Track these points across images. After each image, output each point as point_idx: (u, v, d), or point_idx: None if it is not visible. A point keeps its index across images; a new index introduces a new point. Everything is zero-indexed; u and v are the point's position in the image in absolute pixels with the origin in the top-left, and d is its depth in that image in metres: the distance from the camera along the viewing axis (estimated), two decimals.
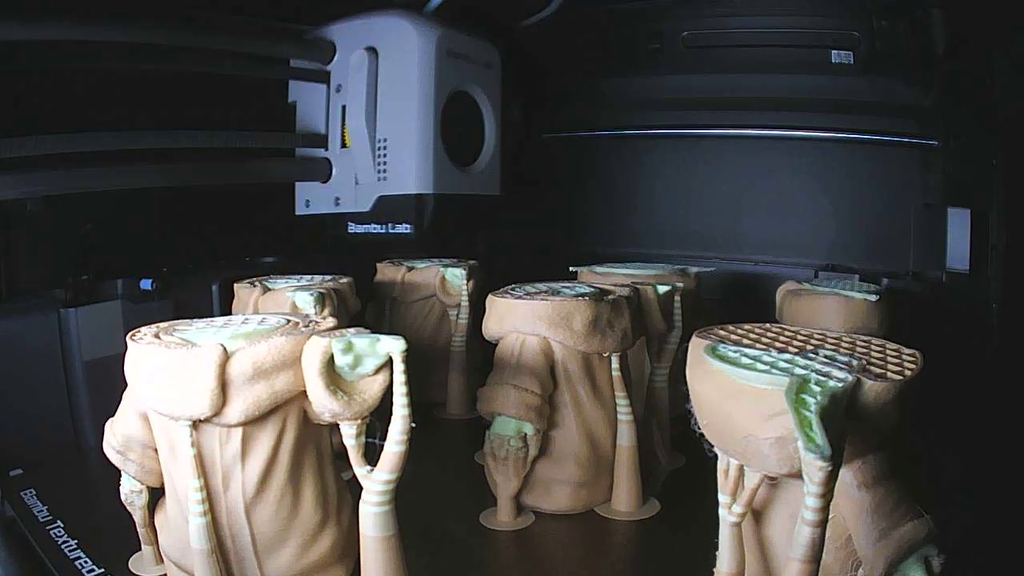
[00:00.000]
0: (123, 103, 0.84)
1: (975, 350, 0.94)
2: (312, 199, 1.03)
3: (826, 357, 0.38)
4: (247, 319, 0.49)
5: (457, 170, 0.99)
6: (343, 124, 0.98)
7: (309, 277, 0.76)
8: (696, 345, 0.41)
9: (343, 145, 0.99)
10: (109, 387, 0.51)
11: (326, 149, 1.01)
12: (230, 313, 0.70)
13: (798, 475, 0.33)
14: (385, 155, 0.95)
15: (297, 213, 1.05)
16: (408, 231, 0.97)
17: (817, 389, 0.34)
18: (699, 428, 0.40)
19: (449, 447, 0.80)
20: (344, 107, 0.97)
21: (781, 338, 0.43)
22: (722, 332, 0.45)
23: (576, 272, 0.83)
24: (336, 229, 1.03)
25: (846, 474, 0.36)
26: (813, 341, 0.43)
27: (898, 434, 0.37)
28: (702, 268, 0.83)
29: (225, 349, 0.42)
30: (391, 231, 0.98)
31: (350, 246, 1.03)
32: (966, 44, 0.98)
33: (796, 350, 0.40)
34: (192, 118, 0.88)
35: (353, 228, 1.00)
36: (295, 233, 1.06)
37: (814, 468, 0.31)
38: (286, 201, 1.06)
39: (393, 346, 0.42)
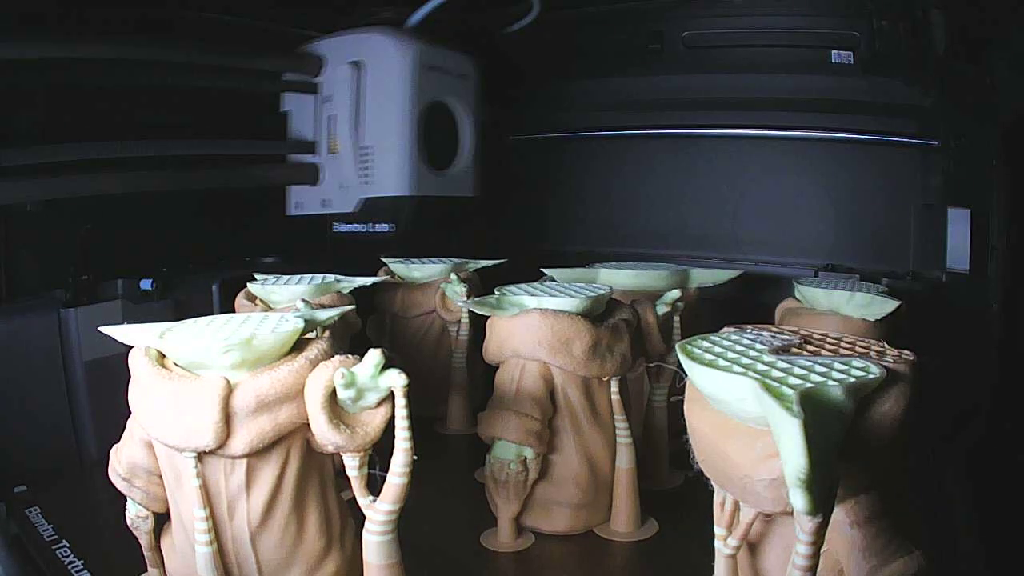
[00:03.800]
0: (127, 114, 0.88)
1: (975, 350, 0.95)
2: (302, 201, 1.10)
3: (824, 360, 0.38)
4: (248, 317, 0.49)
5: (434, 173, 1.07)
6: (331, 132, 1.05)
7: (309, 277, 0.76)
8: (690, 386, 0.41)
9: (331, 151, 1.06)
10: (109, 388, 0.51)
11: (315, 155, 1.08)
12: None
13: (792, 513, 0.34)
14: (369, 160, 1.03)
15: (288, 214, 1.11)
16: (388, 230, 1.04)
17: (809, 386, 0.34)
18: (696, 463, 0.40)
19: (450, 463, 0.81)
20: (332, 116, 1.05)
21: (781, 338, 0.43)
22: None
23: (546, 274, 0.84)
24: (323, 228, 1.10)
25: (839, 513, 0.36)
26: (812, 342, 0.43)
27: (897, 455, 0.37)
28: (704, 276, 0.82)
29: (228, 381, 0.42)
30: (372, 230, 1.05)
31: (349, 247, 1.05)
32: (966, 44, 0.98)
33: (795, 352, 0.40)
34: (192, 127, 0.95)
35: (338, 227, 1.08)
36: (295, 234, 1.08)
37: (804, 519, 0.31)
38: (283, 203, 1.11)
39: (394, 380, 0.42)
